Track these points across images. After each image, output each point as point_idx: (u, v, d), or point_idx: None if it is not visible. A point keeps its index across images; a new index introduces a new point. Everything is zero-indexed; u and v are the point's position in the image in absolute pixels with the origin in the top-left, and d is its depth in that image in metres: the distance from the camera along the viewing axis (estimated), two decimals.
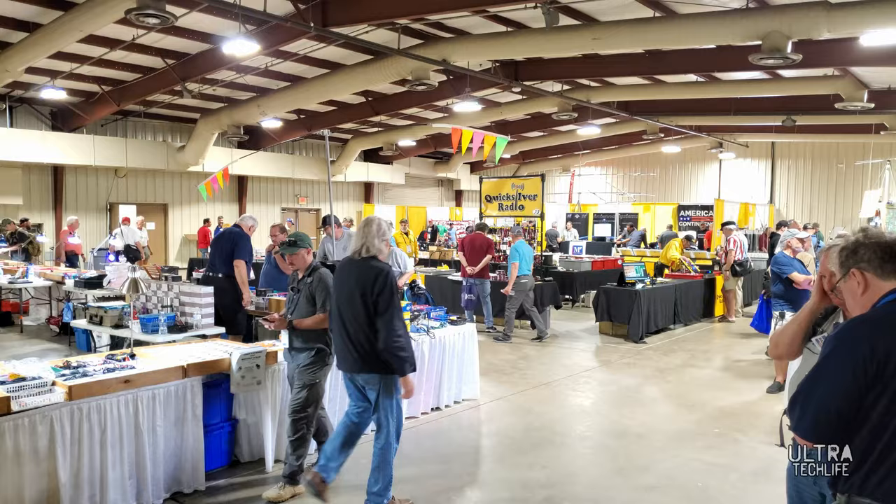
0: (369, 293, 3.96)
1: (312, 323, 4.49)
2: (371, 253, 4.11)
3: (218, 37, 10.65)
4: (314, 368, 4.51)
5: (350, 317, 4.07)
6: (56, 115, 16.35)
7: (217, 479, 4.78)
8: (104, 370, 4.48)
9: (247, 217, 7.54)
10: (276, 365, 4.98)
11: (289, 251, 4.64)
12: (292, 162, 20.76)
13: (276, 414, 4.96)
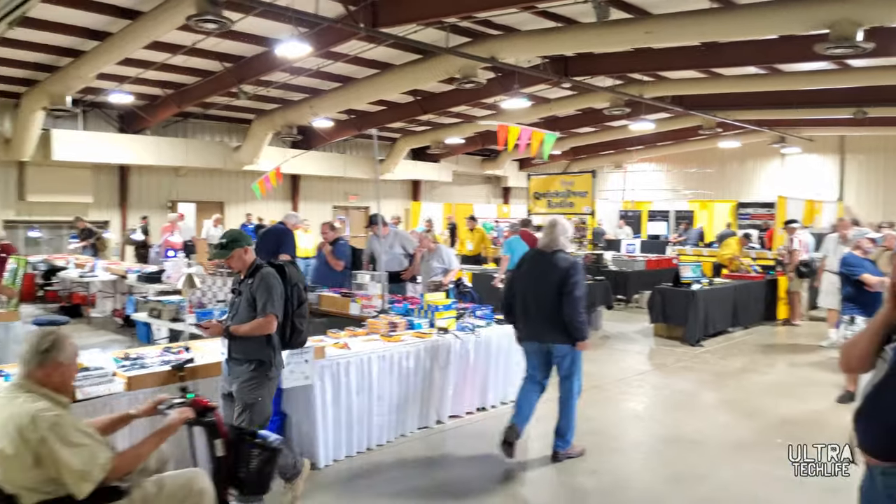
0: (565, 279, 4.83)
1: (250, 329, 4.01)
2: (558, 247, 4.98)
3: (272, 40, 10.92)
4: (253, 385, 4.04)
5: (539, 298, 4.92)
6: (123, 117, 17.05)
7: None
8: (160, 362, 4.67)
9: (290, 215, 7.78)
10: (324, 360, 5.08)
11: (219, 256, 4.18)
12: (343, 161, 21.08)
13: (325, 411, 5.03)
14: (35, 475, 2.68)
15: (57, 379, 2.85)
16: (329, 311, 7.18)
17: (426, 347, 5.80)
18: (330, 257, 8.20)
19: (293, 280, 4.23)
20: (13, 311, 6.53)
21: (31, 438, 2.64)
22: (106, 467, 2.77)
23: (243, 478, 3.40)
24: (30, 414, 2.67)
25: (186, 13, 8.43)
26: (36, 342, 2.84)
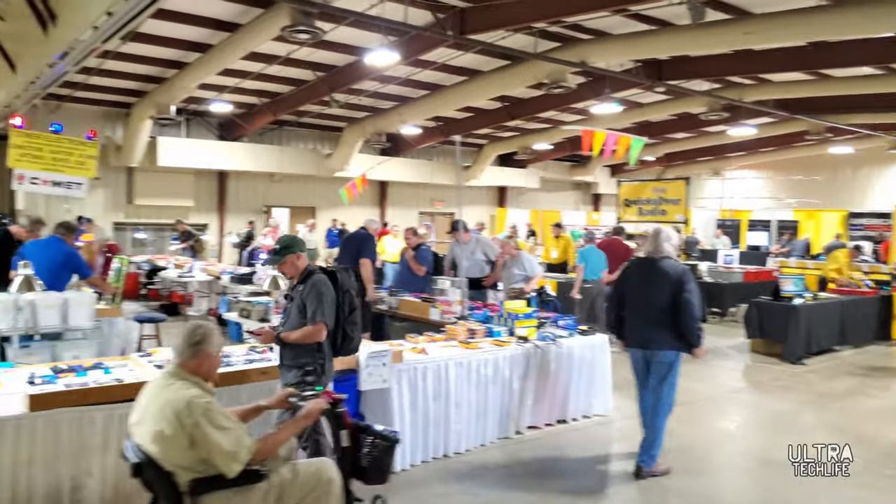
0: (679, 285, 4.83)
1: (300, 336, 3.99)
2: (664, 254, 4.99)
3: (362, 49, 11.14)
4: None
5: (650, 303, 4.91)
6: (222, 125, 17.97)
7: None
8: (245, 360, 4.80)
9: (371, 220, 7.92)
10: (401, 364, 5.08)
11: (273, 262, 4.23)
12: (430, 167, 21.28)
13: (402, 415, 5.04)
14: (189, 455, 2.91)
15: (205, 368, 3.14)
16: (409, 315, 7.20)
17: (505, 356, 5.70)
18: (412, 262, 8.24)
19: (345, 287, 4.18)
20: (116, 308, 6.92)
21: (186, 422, 2.88)
22: (251, 450, 3.00)
23: (366, 467, 3.51)
24: (185, 400, 2.92)
25: (281, 24, 8.74)
26: (188, 335, 3.11)
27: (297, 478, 3.19)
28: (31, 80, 8.45)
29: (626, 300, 5.16)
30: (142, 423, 3.03)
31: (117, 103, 15.68)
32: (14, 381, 4.12)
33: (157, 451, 2.92)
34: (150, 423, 2.97)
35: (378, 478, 3.54)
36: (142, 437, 3.00)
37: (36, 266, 5.67)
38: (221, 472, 2.93)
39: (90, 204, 15.85)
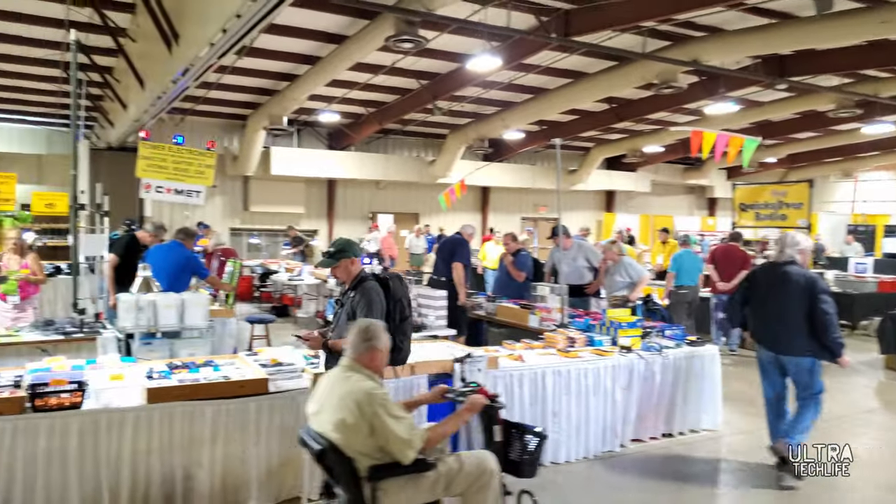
0: (810, 295, 4.80)
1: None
2: (788, 258, 4.99)
3: (465, 55, 11.20)
4: None
5: (782, 309, 4.91)
6: (331, 135, 18.65)
7: None
8: None
9: (467, 225, 7.93)
10: (496, 371, 5.00)
11: (326, 264, 4.15)
12: (532, 172, 21.05)
13: None
14: (369, 443, 3.13)
15: (376, 363, 3.37)
16: (507, 321, 7.11)
17: (606, 366, 5.49)
18: (511, 268, 8.14)
19: (397, 295, 4.04)
20: (229, 309, 7.29)
21: (367, 412, 3.12)
22: (423, 438, 3.22)
23: (518, 461, 3.65)
24: (365, 391, 3.17)
25: (386, 34, 8.93)
26: (362, 333, 3.35)
27: (462, 468, 3.34)
28: (157, 95, 9.13)
29: (755, 304, 5.19)
30: (321, 413, 3.28)
31: (234, 115, 16.65)
32: (135, 375, 4.41)
33: (340, 439, 3.13)
34: (331, 412, 3.20)
35: (529, 471, 3.67)
36: (322, 425, 3.23)
37: (158, 269, 6.07)
38: (397, 459, 3.14)
39: (209, 211, 16.96)
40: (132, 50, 9.81)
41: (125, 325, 5.24)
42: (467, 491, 3.35)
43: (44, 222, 11.92)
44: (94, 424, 3.86)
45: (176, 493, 4.07)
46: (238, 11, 5.70)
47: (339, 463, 3.14)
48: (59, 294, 9.56)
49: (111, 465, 3.88)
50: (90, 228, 7.98)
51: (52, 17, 9.47)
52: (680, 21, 10.11)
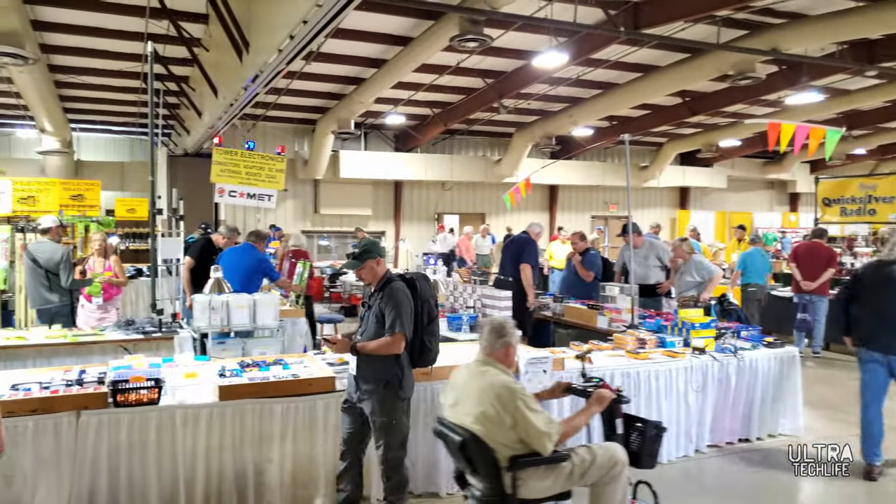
0: None
1: (377, 347, 3.86)
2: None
3: (531, 52, 11.08)
4: (386, 407, 3.93)
5: (886, 309, 4.87)
6: (397, 137, 18.87)
7: None
8: None
9: (534, 224, 7.75)
10: (562, 372, 4.90)
11: (352, 266, 4.07)
12: (602, 169, 20.66)
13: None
14: (510, 435, 3.25)
15: (510, 358, 3.54)
16: (575, 322, 6.97)
17: (678, 368, 5.30)
18: (579, 267, 7.98)
19: (424, 295, 4.01)
20: (299, 309, 7.46)
21: (509, 405, 3.24)
22: (560, 431, 3.33)
23: (638, 452, 3.70)
24: (505, 385, 3.31)
25: (451, 34, 8.93)
26: (497, 330, 3.51)
27: (595, 459, 3.42)
28: (229, 102, 9.45)
29: (861, 305, 5.09)
30: (459, 405, 3.40)
31: (303, 120, 17.09)
32: (208, 373, 4.56)
33: (481, 430, 3.24)
34: (471, 405, 3.33)
35: (649, 463, 3.73)
36: (462, 417, 3.35)
37: (231, 271, 6.26)
38: (536, 449, 3.26)
39: (280, 214, 17.47)
40: (206, 59, 10.21)
41: (200, 325, 5.42)
42: (599, 482, 3.44)
43: (126, 227, 12.57)
44: (170, 420, 4.00)
45: (248, 488, 4.18)
46: (304, 17, 5.81)
47: (480, 453, 3.25)
48: (139, 295, 10.05)
49: (187, 458, 4.02)
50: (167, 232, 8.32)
51: (133, 30, 9.97)
52: (757, 8, 9.67)
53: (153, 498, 3.96)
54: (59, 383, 4.15)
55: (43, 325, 6.18)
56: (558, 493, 3.39)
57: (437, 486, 4.60)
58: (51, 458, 3.78)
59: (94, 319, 6.65)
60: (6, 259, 8.18)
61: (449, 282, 7.60)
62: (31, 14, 9.51)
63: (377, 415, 3.92)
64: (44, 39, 10.64)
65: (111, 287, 6.85)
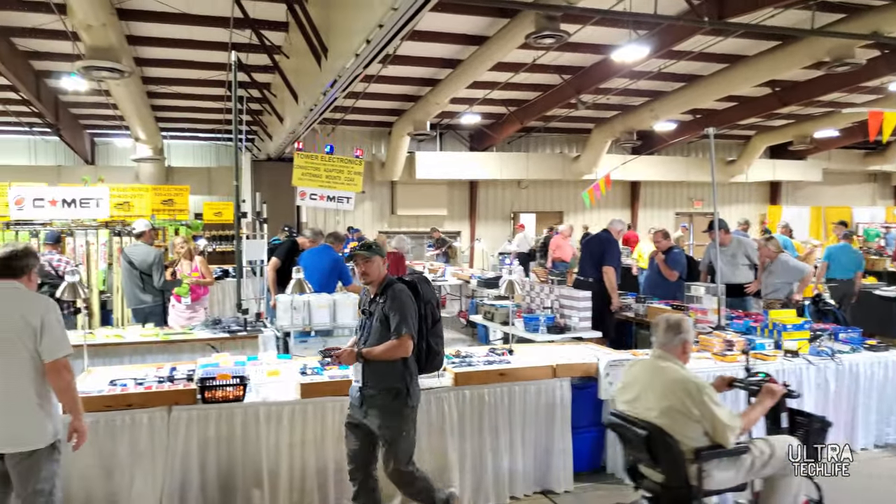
0: None
1: (384, 350, 3.68)
2: None
3: (609, 46, 10.81)
4: (395, 419, 3.72)
5: None
6: (473, 136, 18.86)
7: (583, 481, 4.76)
8: (485, 362, 4.88)
9: (615, 221, 7.48)
10: None
11: (362, 256, 3.81)
12: (686, 164, 19.96)
13: None
14: (694, 428, 3.38)
15: (686, 354, 3.64)
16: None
17: (769, 371, 4.99)
18: (663, 266, 7.71)
19: (426, 297, 3.88)
20: None
21: (696, 399, 3.37)
22: (741, 424, 3.44)
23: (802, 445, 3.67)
24: (690, 380, 3.44)
25: (526, 32, 8.82)
26: (674, 326, 3.62)
27: (774, 452, 3.51)
28: (310, 107, 9.69)
29: None
30: (640, 400, 3.53)
31: (380, 123, 17.35)
32: (290, 371, 4.68)
33: (667, 424, 3.37)
34: (655, 399, 3.45)
35: (813, 456, 3.70)
36: (644, 411, 3.48)
37: (310, 271, 6.40)
38: (719, 442, 3.37)
39: (359, 215, 17.80)
40: (286, 66, 10.52)
41: (282, 324, 5.58)
42: (776, 474, 3.52)
43: (213, 230, 13.13)
44: (254, 416, 4.13)
45: (328, 484, 4.25)
46: (380, 21, 5.87)
47: (664, 446, 3.36)
48: (226, 295, 10.46)
49: (270, 454, 4.13)
50: (252, 235, 8.62)
51: (217, 41, 10.40)
52: None
53: (239, 491, 4.10)
54: (152, 380, 4.36)
55: (138, 324, 6.52)
56: (738, 484, 3.50)
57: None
58: (146, 452, 3.98)
59: (183, 319, 6.97)
60: (105, 261, 8.70)
61: (525, 282, 7.48)
62: (127, 30, 10.08)
63: (386, 427, 3.72)
64: (138, 53, 11.26)
65: (199, 288, 7.16)
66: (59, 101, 14.26)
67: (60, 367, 3.17)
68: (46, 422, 3.18)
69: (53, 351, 3.15)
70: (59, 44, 10.11)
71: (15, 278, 3.28)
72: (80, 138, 17.15)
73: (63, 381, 3.18)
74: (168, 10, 9.10)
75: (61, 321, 3.26)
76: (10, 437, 3.12)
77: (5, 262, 3.28)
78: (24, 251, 3.37)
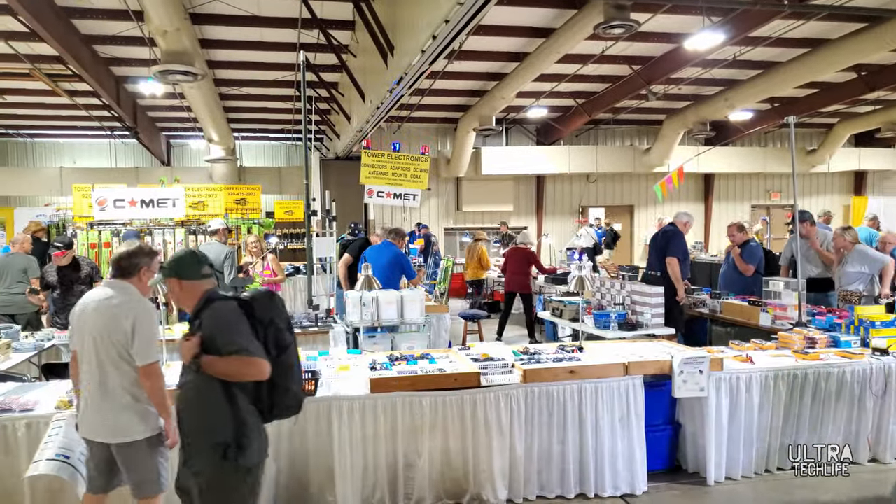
0: None
1: (229, 364, 2.80)
2: None
3: (682, 35, 10.46)
4: (215, 487, 2.85)
5: None
6: (539, 130, 18.65)
7: (657, 480, 4.66)
8: (554, 359, 4.81)
9: (681, 213, 7.25)
10: (721, 373, 4.57)
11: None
12: (763, 154, 19.13)
13: (721, 425, 4.62)
14: None
15: None
16: (734, 320, 6.49)
17: (854, 370, 4.78)
18: (738, 260, 7.42)
19: (265, 317, 2.95)
20: (444, 305, 7.58)
21: None
22: None
23: None
24: None
25: (595, 22, 8.64)
26: None
27: None
28: (376, 105, 9.80)
29: None
30: None
31: (446, 119, 17.37)
32: (359, 366, 4.75)
33: None
34: None
35: None
36: None
37: (375, 267, 6.49)
38: None
39: (424, 212, 17.90)
40: (353, 65, 10.67)
41: (352, 320, 5.67)
42: None
43: (284, 227, 13.49)
44: (326, 410, 4.20)
45: (398, 479, 4.30)
46: (447, 17, 5.87)
47: None
48: (297, 291, 10.73)
49: (343, 446, 4.20)
50: (321, 232, 8.79)
51: (286, 42, 10.65)
52: None
53: (313, 483, 4.19)
54: None
55: None
56: None
57: None
58: None
59: None
60: None
61: (595, 278, 7.34)
62: (200, 34, 10.46)
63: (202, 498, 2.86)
64: (210, 56, 11.67)
65: (270, 285, 7.36)
66: (138, 105, 14.94)
67: (148, 372, 3.23)
68: (142, 417, 3.29)
69: (142, 356, 3.22)
70: (137, 50, 10.58)
71: (125, 278, 3.38)
72: (156, 141, 17.93)
73: (150, 385, 3.24)
74: (238, 13, 9.38)
75: (153, 327, 3.32)
76: (111, 428, 3.27)
77: (115, 262, 3.40)
78: (135, 251, 3.44)
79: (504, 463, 4.39)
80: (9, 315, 6.62)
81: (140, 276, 3.40)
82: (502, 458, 4.38)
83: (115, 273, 3.39)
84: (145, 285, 3.46)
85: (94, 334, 3.25)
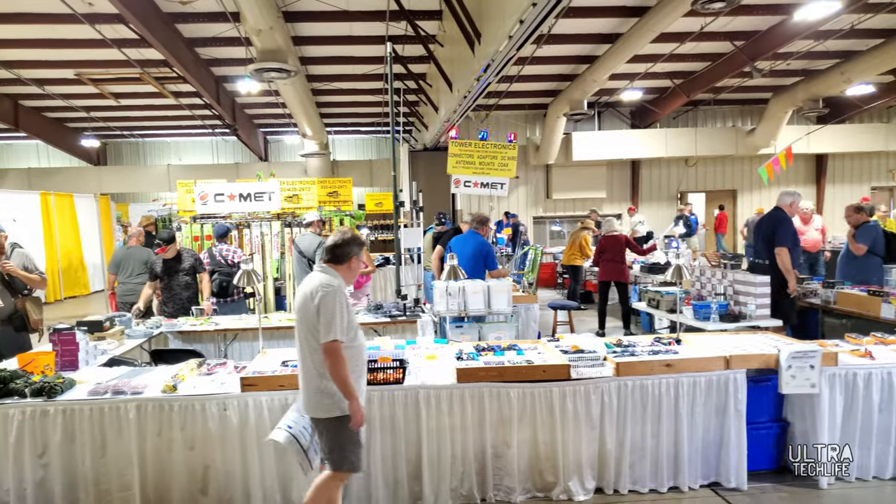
0: None
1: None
2: None
3: (790, 6, 9.75)
4: None
5: None
6: (634, 114, 17.99)
7: (761, 481, 4.36)
8: (649, 352, 4.59)
9: (784, 194, 6.47)
10: (835, 368, 4.20)
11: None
12: (885, 132, 17.58)
13: (834, 424, 4.28)
14: None
15: None
16: (851, 311, 5.97)
17: None
18: (851, 242, 6.81)
19: None
20: (532, 295, 7.43)
21: None
22: None
23: None
24: None
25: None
26: None
27: None
28: (464, 94, 9.73)
29: None
30: None
31: (535, 105, 17.07)
32: (446, 356, 4.72)
33: None
34: None
35: None
36: None
37: (459, 257, 6.43)
38: None
39: (513, 201, 17.71)
40: (440, 55, 10.65)
41: (439, 310, 5.65)
42: None
43: (374, 219, 13.70)
44: (414, 399, 4.20)
45: (487, 469, 4.24)
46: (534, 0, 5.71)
47: None
48: (387, 281, 10.88)
49: (431, 435, 4.19)
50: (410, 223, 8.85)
51: (374, 34, 10.77)
52: None
53: (402, 470, 4.21)
54: None
55: None
56: None
57: None
58: None
59: None
60: (278, 251, 9.38)
61: (695, 266, 6.94)
62: (292, 31, 10.76)
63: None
64: (302, 52, 11.99)
65: (360, 276, 7.47)
66: (236, 104, 15.62)
67: (326, 349, 3.32)
68: (329, 396, 3.40)
69: (322, 333, 3.32)
70: (235, 50, 11.03)
71: (337, 265, 3.52)
72: (254, 137, 18.70)
73: (328, 363, 3.33)
74: (328, 8, 9.56)
75: (336, 306, 3.34)
76: (306, 404, 3.48)
77: (329, 249, 3.54)
78: (349, 239, 3.56)
79: (594, 456, 4.25)
80: (132, 303, 7.03)
81: (350, 264, 3.54)
82: (592, 451, 4.24)
83: (329, 258, 3.53)
84: (353, 273, 3.59)
85: (298, 315, 3.45)
